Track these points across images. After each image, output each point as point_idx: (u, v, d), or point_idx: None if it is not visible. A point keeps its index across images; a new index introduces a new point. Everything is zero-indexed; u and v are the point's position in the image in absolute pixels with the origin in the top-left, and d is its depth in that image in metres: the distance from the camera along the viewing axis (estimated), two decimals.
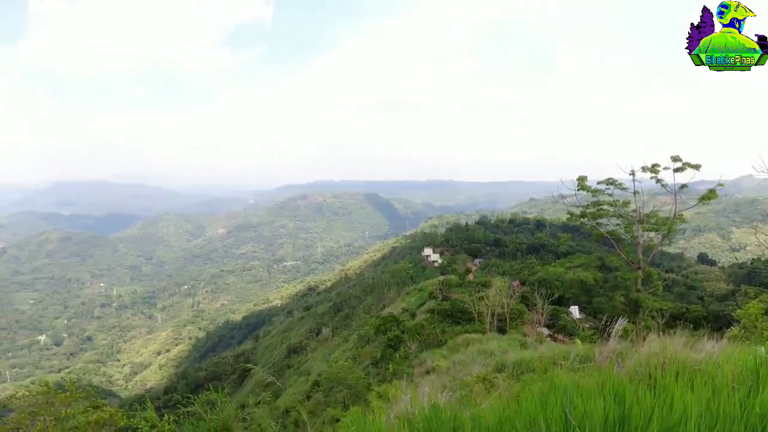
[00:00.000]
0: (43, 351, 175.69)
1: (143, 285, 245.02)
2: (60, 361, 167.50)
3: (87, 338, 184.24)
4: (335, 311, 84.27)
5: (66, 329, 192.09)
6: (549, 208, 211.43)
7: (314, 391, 38.46)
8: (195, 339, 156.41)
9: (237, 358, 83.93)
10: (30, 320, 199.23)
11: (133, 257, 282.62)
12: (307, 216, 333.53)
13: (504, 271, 63.10)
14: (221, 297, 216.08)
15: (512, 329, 32.96)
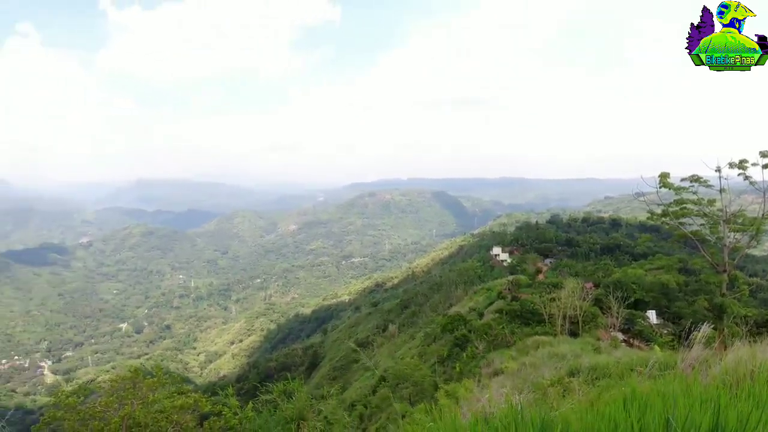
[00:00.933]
0: (124, 338, 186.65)
1: (219, 278, 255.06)
2: (140, 348, 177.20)
3: (166, 327, 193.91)
4: (402, 308, 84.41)
5: (146, 318, 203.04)
6: (625, 207, 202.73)
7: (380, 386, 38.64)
8: (266, 330, 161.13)
9: (306, 350, 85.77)
10: (113, 309, 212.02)
11: (210, 251, 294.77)
12: (374, 213, 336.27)
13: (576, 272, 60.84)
14: (292, 291, 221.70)
15: (585, 333, 31.71)
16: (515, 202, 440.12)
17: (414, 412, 14.74)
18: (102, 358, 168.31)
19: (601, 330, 34.35)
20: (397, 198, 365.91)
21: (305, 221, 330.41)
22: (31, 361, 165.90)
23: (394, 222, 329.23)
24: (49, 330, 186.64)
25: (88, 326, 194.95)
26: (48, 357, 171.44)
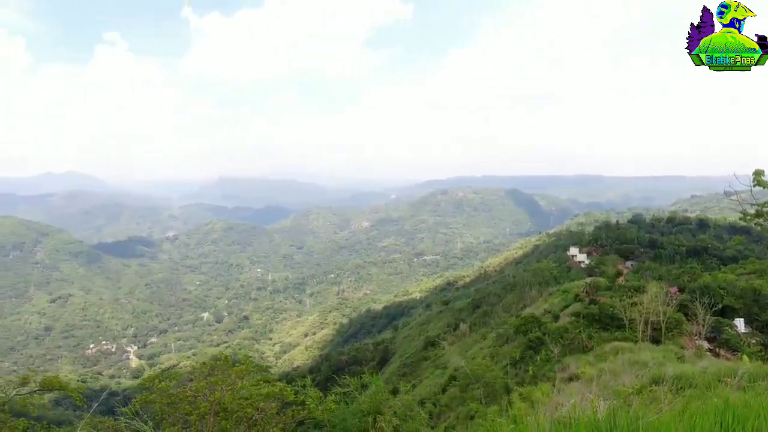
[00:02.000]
0: (205, 327, 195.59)
1: (294, 272, 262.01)
2: (219, 337, 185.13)
3: (244, 317, 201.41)
4: (474, 308, 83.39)
5: (226, 308, 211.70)
6: (713, 207, 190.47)
7: (450, 385, 38.35)
8: (339, 325, 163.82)
9: (377, 345, 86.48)
10: (196, 299, 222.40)
11: (287, 246, 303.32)
12: (447, 211, 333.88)
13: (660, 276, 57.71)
14: (364, 287, 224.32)
15: (667, 340, 30.06)
16: (594, 200, 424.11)
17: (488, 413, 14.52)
18: (184, 345, 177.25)
19: (685, 338, 32.44)
20: (470, 196, 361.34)
21: (378, 218, 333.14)
22: (118, 346, 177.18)
23: (466, 220, 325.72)
24: (135, 317, 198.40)
25: (172, 315, 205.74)
26: (134, 342, 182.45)
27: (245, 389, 11.09)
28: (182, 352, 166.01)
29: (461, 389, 34.22)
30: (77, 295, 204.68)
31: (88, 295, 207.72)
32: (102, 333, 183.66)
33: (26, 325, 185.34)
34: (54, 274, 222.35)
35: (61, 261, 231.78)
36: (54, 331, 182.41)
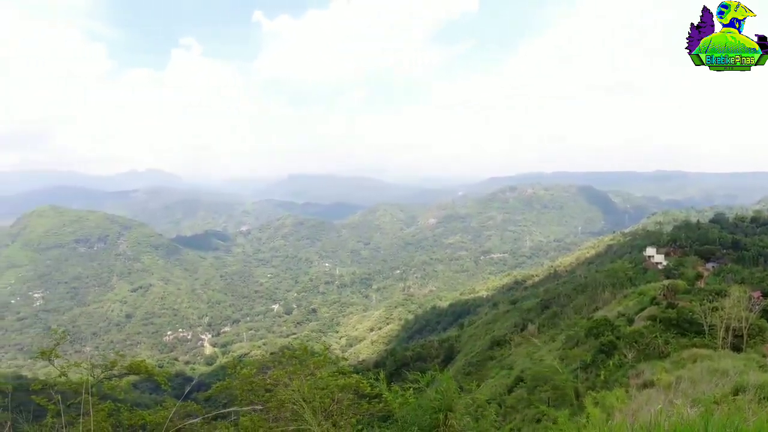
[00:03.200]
0: (275, 318, 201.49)
1: (361, 267, 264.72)
2: (288, 328, 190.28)
3: (312, 310, 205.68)
4: (542, 308, 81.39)
5: (295, 301, 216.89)
6: None
7: (517, 386, 37.66)
8: (404, 320, 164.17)
9: (442, 343, 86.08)
10: (267, 291, 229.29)
11: (354, 242, 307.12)
12: (515, 208, 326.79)
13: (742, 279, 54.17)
14: (430, 283, 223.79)
15: (749, 348, 28.18)
16: (673, 198, 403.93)
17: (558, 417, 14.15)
18: (255, 335, 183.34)
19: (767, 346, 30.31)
20: (540, 192, 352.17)
21: (444, 215, 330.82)
22: (194, 334, 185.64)
23: (535, 218, 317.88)
24: (210, 307, 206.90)
25: (245, 305, 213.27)
26: (208, 331, 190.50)
27: (323, 379, 11.19)
28: (253, 342, 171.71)
29: (528, 391, 33.53)
30: (157, 285, 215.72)
31: (166, 285, 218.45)
32: (179, 321, 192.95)
33: (109, 312, 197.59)
34: (136, 265, 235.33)
35: (142, 253, 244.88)
36: (134, 319, 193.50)
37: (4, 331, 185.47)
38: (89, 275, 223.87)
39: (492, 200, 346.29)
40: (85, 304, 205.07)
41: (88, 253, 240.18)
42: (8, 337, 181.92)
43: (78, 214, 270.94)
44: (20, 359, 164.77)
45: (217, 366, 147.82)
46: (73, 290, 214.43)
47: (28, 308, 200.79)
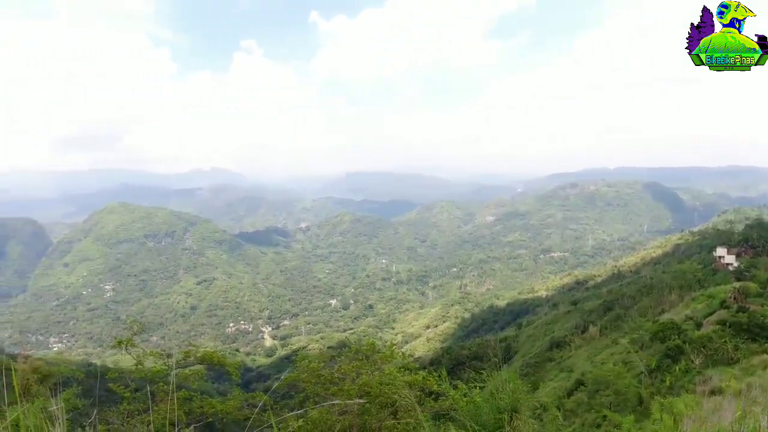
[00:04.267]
0: (332, 313, 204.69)
1: (418, 264, 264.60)
2: (345, 323, 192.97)
3: (369, 306, 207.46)
4: (605, 310, 78.74)
5: (352, 297, 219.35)
6: None
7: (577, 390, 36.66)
8: (460, 319, 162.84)
9: (499, 342, 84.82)
10: (325, 286, 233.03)
11: (410, 239, 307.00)
12: (577, 206, 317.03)
13: None
14: (487, 282, 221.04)
15: None
16: (746, 195, 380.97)
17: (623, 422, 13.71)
18: (313, 329, 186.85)
19: None
20: (603, 189, 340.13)
21: (503, 212, 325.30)
22: (254, 326, 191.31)
23: (598, 215, 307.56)
24: (271, 301, 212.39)
25: (303, 300, 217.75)
26: (268, 324, 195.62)
27: (390, 375, 11.22)
28: (311, 336, 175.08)
29: (589, 395, 32.61)
30: (220, 279, 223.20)
31: (229, 279, 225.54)
32: (241, 314, 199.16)
33: (175, 304, 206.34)
34: (200, 259, 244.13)
35: (206, 248, 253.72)
36: (198, 310, 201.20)
37: (76, 320, 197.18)
38: (157, 268, 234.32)
39: (552, 197, 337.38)
40: (152, 296, 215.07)
41: (156, 248, 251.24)
42: (79, 326, 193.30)
43: (147, 211, 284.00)
44: (90, 347, 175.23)
45: (277, 358, 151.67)
46: (142, 282, 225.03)
47: (99, 299, 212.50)
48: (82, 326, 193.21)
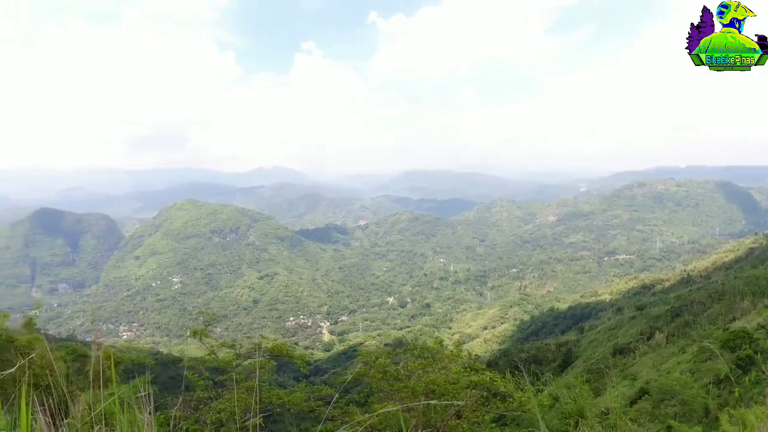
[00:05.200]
0: (390, 310, 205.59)
1: (476, 264, 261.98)
2: (402, 321, 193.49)
3: (426, 305, 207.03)
4: (672, 316, 75.72)
5: (410, 295, 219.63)
6: None
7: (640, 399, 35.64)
8: (519, 321, 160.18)
9: (559, 346, 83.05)
10: (382, 284, 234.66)
11: (469, 239, 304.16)
12: (644, 206, 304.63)
13: None
14: (547, 284, 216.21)
15: None
16: None
17: None
18: (370, 326, 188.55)
19: None
20: (672, 189, 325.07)
21: (565, 212, 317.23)
22: (313, 321, 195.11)
23: (667, 216, 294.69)
24: (329, 297, 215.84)
25: (361, 297, 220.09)
26: (327, 319, 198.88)
27: (457, 374, 11.34)
28: (368, 332, 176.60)
29: (653, 404, 31.68)
30: (281, 274, 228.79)
31: (290, 275, 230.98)
32: (300, 308, 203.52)
33: (238, 297, 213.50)
34: (263, 254, 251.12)
35: (269, 244, 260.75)
36: (261, 304, 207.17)
37: (145, 311, 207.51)
38: (222, 263, 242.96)
39: (618, 197, 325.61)
40: (217, 289, 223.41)
41: (221, 243, 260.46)
42: (148, 316, 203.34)
43: (213, 208, 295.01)
44: (157, 336, 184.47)
45: (334, 353, 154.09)
46: (208, 276, 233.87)
47: (167, 291, 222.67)
48: (150, 316, 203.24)
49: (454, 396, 10.42)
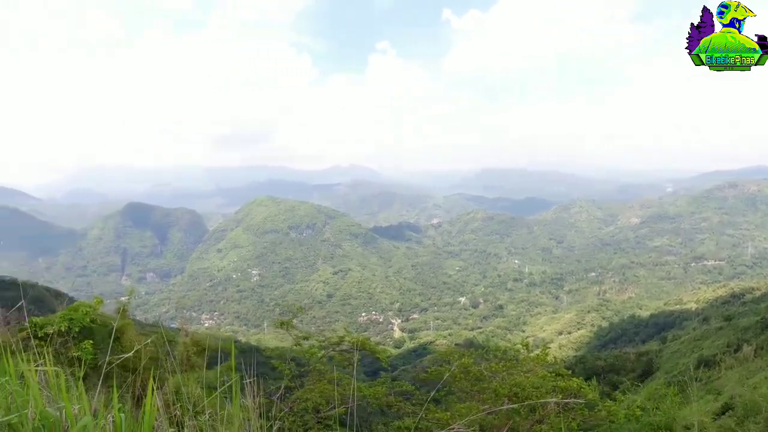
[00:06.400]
0: (461, 310, 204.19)
1: (552, 266, 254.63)
2: (474, 322, 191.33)
3: (499, 306, 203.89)
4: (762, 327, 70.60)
5: (482, 296, 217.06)
6: None
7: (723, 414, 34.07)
8: (597, 327, 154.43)
9: (639, 356, 79.87)
10: (454, 283, 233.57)
11: (546, 239, 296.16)
12: (736, 209, 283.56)
13: None
14: (629, 289, 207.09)
15: None
16: None
17: None
18: (441, 325, 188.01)
19: None
20: (767, 190, 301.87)
21: (649, 214, 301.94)
22: (385, 317, 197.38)
23: (761, 220, 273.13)
24: (401, 294, 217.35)
25: (433, 295, 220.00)
26: (398, 316, 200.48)
27: (543, 378, 11.07)
28: (439, 331, 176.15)
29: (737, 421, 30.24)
30: (355, 270, 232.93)
31: (363, 271, 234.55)
32: (372, 304, 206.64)
33: (313, 291, 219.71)
34: (337, 250, 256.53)
35: (343, 240, 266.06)
36: (334, 298, 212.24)
37: (225, 300, 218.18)
38: (298, 257, 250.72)
39: (707, 198, 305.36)
40: (293, 282, 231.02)
41: (298, 239, 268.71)
42: (228, 306, 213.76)
43: (291, 204, 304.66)
44: (236, 326, 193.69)
45: (405, 350, 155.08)
46: (285, 270, 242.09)
47: (247, 282, 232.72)
48: (230, 306, 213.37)
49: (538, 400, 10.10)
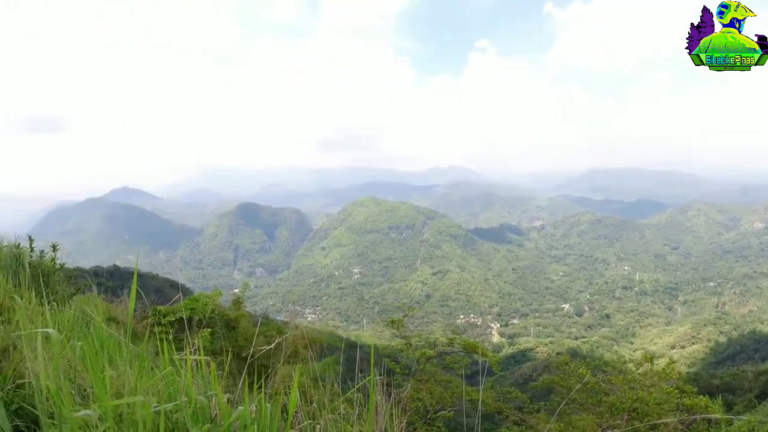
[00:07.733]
0: (564, 318, 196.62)
1: (666, 274, 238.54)
2: (578, 330, 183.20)
3: (605, 315, 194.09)
4: None
5: (587, 303, 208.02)
6: None
7: None
8: (714, 342, 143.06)
9: (758, 375, 73.46)
10: (558, 289, 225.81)
11: (659, 245, 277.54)
12: None
13: None
14: (750, 302, 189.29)
15: None
16: None
17: None
18: (542, 332, 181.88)
19: None
20: None
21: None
22: (483, 321, 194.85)
23: None
24: (501, 298, 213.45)
25: (534, 301, 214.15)
26: (497, 320, 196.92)
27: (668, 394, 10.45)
28: (540, 338, 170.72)
29: None
30: (453, 271, 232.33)
31: (462, 273, 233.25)
32: (471, 307, 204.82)
33: (412, 290, 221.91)
34: (436, 251, 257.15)
35: (442, 241, 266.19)
36: (432, 299, 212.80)
37: (328, 296, 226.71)
38: (398, 257, 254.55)
39: None
40: (393, 282, 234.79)
41: (398, 239, 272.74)
42: (330, 302, 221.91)
43: (391, 205, 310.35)
44: (337, 321, 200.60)
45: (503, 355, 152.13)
46: (384, 269, 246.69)
47: (348, 280, 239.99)
48: (332, 302, 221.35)
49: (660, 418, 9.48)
